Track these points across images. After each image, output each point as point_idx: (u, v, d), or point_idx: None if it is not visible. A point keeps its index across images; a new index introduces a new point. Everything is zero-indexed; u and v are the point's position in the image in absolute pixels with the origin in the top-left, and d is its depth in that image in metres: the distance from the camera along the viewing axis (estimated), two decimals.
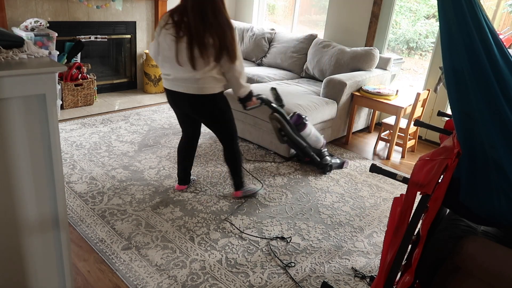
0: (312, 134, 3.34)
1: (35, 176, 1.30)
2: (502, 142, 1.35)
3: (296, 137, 3.21)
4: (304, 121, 3.27)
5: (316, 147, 3.39)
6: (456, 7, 1.30)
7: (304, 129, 3.26)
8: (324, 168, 3.40)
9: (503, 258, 1.41)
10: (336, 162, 3.51)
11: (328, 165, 3.39)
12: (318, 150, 3.41)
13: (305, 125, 3.26)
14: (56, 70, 1.25)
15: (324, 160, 3.40)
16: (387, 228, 1.50)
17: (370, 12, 4.49)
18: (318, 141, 3.38)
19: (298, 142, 3.25)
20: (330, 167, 3.41)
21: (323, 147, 3.45)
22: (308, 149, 3.31)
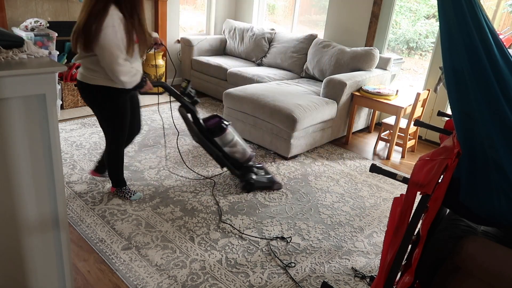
0: (235, 142, 2.95)
1: (35, 176, 1.30)
2: (502, 142, 1.35)
3: (205, 140, 2.83)
4: (222, 125, 2.89)
5: (240, 160, 2.98)
6: (456, 7, 1.30)
7: (222, 135, 2.88)
8: (244, 185, 2.97)
9: (503, 258, 1.41)
10: (262, 181, 3.00)
11: (249, 182, 2.94)
12: (239, 163, 2.99)
13: (223, 131, 2.88)
14: (56, 70, 1.25)
15: (246, 176, 2.96)
16: (387, 228, 1.50)
17: (370, 12, 4.49)
18: (242, 154, 2.98)
19: (209, 148, 2.87)
20: (251, 185, 2.95)
21: (248, 160, 3.03)
22: (221, 158, 2.91)
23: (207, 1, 5.81)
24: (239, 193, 2.97)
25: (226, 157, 2.94)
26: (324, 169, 3.51)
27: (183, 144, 3.75)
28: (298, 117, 3.40)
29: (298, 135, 3.52)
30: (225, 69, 4.94)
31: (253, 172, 3.00)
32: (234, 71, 4.82)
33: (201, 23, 6.11)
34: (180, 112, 2.83)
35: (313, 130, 3.71)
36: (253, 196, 2.95)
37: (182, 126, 4.18)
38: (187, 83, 2.81)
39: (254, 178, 2.96)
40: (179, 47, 5.58)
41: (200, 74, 5.30)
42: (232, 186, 3.06)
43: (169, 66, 5.47)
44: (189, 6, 6.10)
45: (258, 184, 2.98)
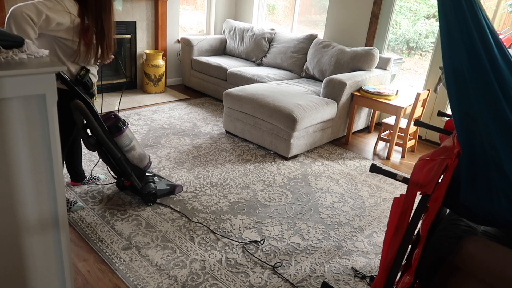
0: (133, 146, 2.62)
1: (35, 176, 1.30)
2: (502, 142, 1.35)
3: (106, 139, 2.46)
4: (120, 124, 2.53)
5: (138, 166, 2.66)
6: (456, 7, 1.30)
7: (120, 135, 2.53)
8: (145, 198, 2.66)
9: (503, 258, 1.41)
10: (165, 188, 2.78)
11: (151, 193, 2.66)
12: (141, 171, 2.68)
13: (122, 131, 2.53)
14: (56, 70, 1.25)
15: (146, 187, 2.66)
16: (387, 228, 1.50)
17: (370, 12, 4.49)
18: (141, 159, 2.68)
19: (109, 149, 2.49)
20: (153, 196, 2.68)
21: (147, 168, 2.73)
22: (124, 163, 2.57)
23: (207, 1, 5.81)
24: (239, 193, 2.97)
25: (127, 162, 2.60)
26: (324, 169, 3.51)
27: (183, 144, 3.75)
28: (298, 117, 3.40)
29: (298, 135, 3.52)
30: (225, 69, 4.94)
31: (152, 181, 2.74)
32: (234, 71, 4.82)
33: (201, 23, 6.11)
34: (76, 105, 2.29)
35: (313, 130, 3.71)
36: (253, 196, 2.95)
37: (183, 126, 4.19)
38: (85, 71, 2.34)
39: (154, 187, 2.70)
40: (179, 47, 5.59)
41: (200, 74, 5.30)
42: (233, 186, 3.06)
43: (168, 67, 5.48)
44: (189, 6, 6.10)
45: (160, 193, 2.74)
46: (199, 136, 3.95)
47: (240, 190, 3.02)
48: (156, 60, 5.12)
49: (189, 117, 4.47)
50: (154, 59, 5.11)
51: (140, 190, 2.66)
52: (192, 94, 5.40)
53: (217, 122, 4.39)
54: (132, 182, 2.66)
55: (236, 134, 3.96)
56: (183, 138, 3.87)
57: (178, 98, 5.14)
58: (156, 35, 5.27)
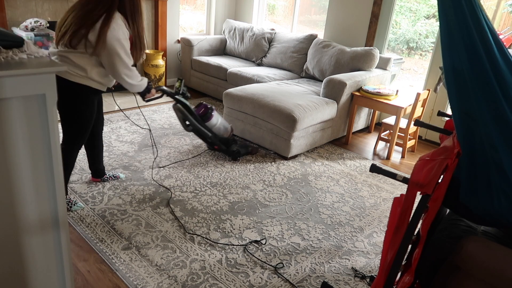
0: (219, 123, 3.44)
1: (35, 176, 1.30)
2: (502, 142, 1.35)
3: (200, 127, 3.31)
4: (210, 111, 3.36)
5: (223, 136, 3.48)
6: (456, 7, 1.30)
7: (210, 119, 3.35)
8: (232, 154, 3.49)
9: (503, 258, 1.41)
10: (245, 149, 3.60)
11: (235, 151, 3.49)
12: (226, 139, 3.49)
13: (211, 116, 3.36)
14: (56, 70, 1.25)
15: (231, 147, 3.49)
16: (387, 228, 1.50)
17: (370, 12, 4.49)
18: (225, 131, 3.49)
19: (203, 132, 3.34)
20: (238, 153, 3.50)
21: (230, 135, 3.55)
22: (213, 138, 3.40)
23: (207, 1, 5.81)
24: (239, 193, 2.97)
25: (215, 136, 3.42)
26: (324, 169, 3.51)
27: (183, 144, 3.75)
28: (298, 117, 3.40)
29: (298, 135, 3.52)
30: (225, 69, 4.94)
31: (236, 143, 3.56)
32: (234, 71, 4.82)
33: (201, 23, 6.11)
34: (175, 108, 3.24)
35: (313, 130, 3.71)
36: (253, 196, 2.95)
37: None
38: (180, 82, 3.19)
39: (237, 148, 3.52)
40: (179, 47, 5.59)
41: (200, 74, 5.30)
42: (233, 186, 3.06)
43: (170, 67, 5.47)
44: (189, 6, 6.10)
45: (242, 151, 3.55)
46: None
47: (240, 190, 3.02)
48: (156, 60, 5.12)
49: None
50: (154, 59, 5.11)
51: (227, 150, 3.49)
52: (192, 94, 5.40)
53: None
54: (219, 147, 3.50)
55: (236, 134, 3.96)
56: (183, 138, 3.87)
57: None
58: (156, 35, 5.27)
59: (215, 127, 3.41)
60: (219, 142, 3.44)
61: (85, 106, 2.41)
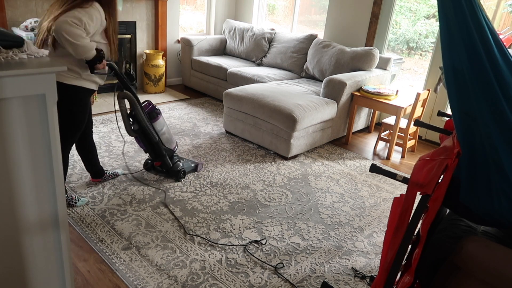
0: (165, 130, 2.96)
1: (35, 176, 1.30)
2: (502, 142, 1.35)
3: (149, 126, 2.80)
4: (156, 112, 2.87)
5: (168, 147, 3.00)
6: (456, 7, 1.30)
7: (156, 121, 2.86)
8: (177, 175, 3.02)
9: (503, 258, 1.41)
10: (189, 166, 3.16)
11: (181, 171, 3.03)
12: (170, 152, 3.03)
13: (158, 116, 2.87)
14: (56, 70, 1.25)
15: (175, 166, 3.02)
16: (387, 228, 1.50)
17: (370, 12, 4.49)
18: (171, 141, 3.03)
19: (151, 134, 2.82)
20: (183, 173, 3.05)
21: (175, 148, 3.09)
22: (160, 145, 2.91)
23: (207, 1, 5.81)
24: (239, 193, 2.97)
25: (161, 145, 2.94)
26: (324, 169, 3.51)
27: (183, 144, 3.75)
28: (298, 117, 3.40)
29: (298, 135, 3.52)
30: (225, 69, 4.94)
31: (179, 160, 3.12)
32: (234, 71, 4.82)
33: (201, 23, 6.11)
34: (126, 96, 2.67)
35: (313, 130, 3.71)
36: (253, 196, 2.95)
37: (183, 126, 4.19)
38: (129, 64, 2.72)
39: (182, 165, 3.08)
40: (179, 47, 5.59)
41: (200, 74, 5.31)
42: (233, 186, 3.06)
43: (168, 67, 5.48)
44: (189, 6, 6.10)
45: (188, 170, 3.13)
46: (199, 136, 3.95)
47: (240, 190, 3.02)
48: (156, 60, 5.12)
49: (189, 117, 4.47)
50: (154, 59, 5.11)
51: (171, 168, 3.01)
52: (192, 94, 5.40)
53: (217, 122, 4.39)
54: (163, 162, 2.99)
55: (236, 134, 3.96)
56: (183, 138, 3.87)
57: (178, 98, 5.14)
58: (156, 35, 5.27)
59: (161, 132, 2.92)
60: (165, 154, 2.96)
61: (79, 107, 2.44)
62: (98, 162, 2.90)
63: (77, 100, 2.41)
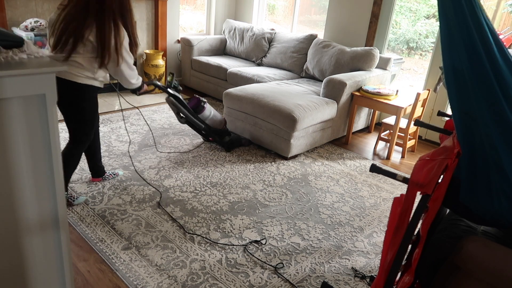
0: (212, 115, 3.59)
1: (35, 176, 1.30)
2: (502, 142, 1.35)
3: (193, 118, 3.47)
4: (202, 104, 3.49)
5: (217, 128, 3.62)
6: (456, 7, 1.30)
7: (203, 111, 3.49)
8: (226, 145, 3.64)
9: (503, 258, 1.40)
10: (238, 140, 3.74)
11: (228, 142, 3.65)
12: (219, 131, 3.64)
13: (204, 108, 3.49)
14: (56, 70, 1.25)
15: (224, 139, 3.64)
16: (387, 228, 1.50)
17: (370, 12, 4.49)
18: (219, 123, 3.64)
19: (196, 124, 3.51)
20: (231, 144, 3.67)
21: (223, 127, 3.68)
22: (207, 129, 3.56)
23: (207, 1, 5.81)
24: (239, 193, 2.97)
25: (209, 128, 3.57)
26: (324, 169, 3.51)
27: (183, 144, 3.75)
28: (298, 117, 3.40)
29: (298, 135, 3.52)
30: (225, 69, 4.94)
31: (229, 135, 3.71)
32: (234, 71, 4.82)
33: (201, 23, 6.11)
34: (168, 101, 3.39)
35: (313, 130, 3.71)
36: (253, 196, 2.95)
37: (183, 126, 4.19)
38: (172, 76, 3.34)
39: (231, 139, 3.68)
40: (179, 47, 5.59)
41: (200, 74, 5.30)
42: (233, 186, 3.06)
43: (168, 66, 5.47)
44: (189, 6, 6.10)
45: (236, 143, 3.72)
46: (199, 136, 3.95)
47: (240, 190, 3.02)
48: (156, 60, 5.12)
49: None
50: (154, 59, 5.11)
51: (221, 142, 3.66)
52: (192, 94, 5.40)
53: None
54: (214, 138, 3.66)
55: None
56: (183, 138, 3.87)
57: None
58: (156, 35, 5.27)
59: (209, 119, 3.55)
60: (213, 134, 3.59)
61: (89, 104, 2.49)
62: (100, 160, 2.92)
63: (90, 98, 2.47)
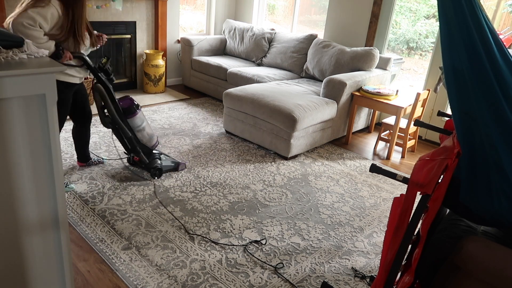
0: (144, 127, 2.99)
1: (35, 176, 1.30)
2: (502, 142, 1.35)
3: (119, 120, 2.83)
4: (134, 107, 2.89)
5: (146, 145, 3.03)
6: (456, 7, 1.30)
7: (133, 117, 2.89)
8: (153, 172, 3.01)
9: (503, 258, 1.41)
10: (169, 165, 3.14)
11: (157, 168, 3.01)
12: (149, 150, 3.05)
13: (135, 113, 2.89)
14: (56, 70, 1.25)
15: (153, 162, 3.02)
16: (387, 228, 1.50)
17: (370, 12, 4.49)
18: (150, 139, 3.05)
19: (122, 128, 2.86)
20: (159, 171, 3.03)
21: (154, 147, 3.10)
22: (133, 141, 2.94)
23: (207, 1, 5.81)
24: (239, 193, 2.97)
25: (137, 141, 2.97)
26: (324, 169, 3.51)
27: (183, 144, 3.75)
28: (298, 117, 3.40)
29: (298, 135, 3.52)
30: (225, 69, 4.94)
31: (159, 158, 3.11)
32: (234, 71, 4.82)
33: (201, 23, 6.11)
34: (97, 88, 2.76)
35: (313, 130, 3.71)
36: (253, 196, 2.95)
37: (183, 126, 4.19)
38: (106, 59, 2.79)
39: (160, 163, 3.07)
40: (179, 47, 5.59)
41: (200, 74, 5.30)
42: (233, 186, 3.06)
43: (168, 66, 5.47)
44: (189, 6, 6.10)
45: (165, 169, 3.11)
46: (199, 136, 3.95)
47: (240, 190, 3.02)
48: (156, 60, 5.12)
49: (189, 117, 4.47)
50: (154, 59, 5.11)
51: (147, 165, 3.02)
52: (192, 94, 5.40)
53: (217, 122, 4.39)
54: (140, 158, 3.01)
55: (236, 134, 3.96)
56: (183, 138, 3.87)
57: (178, 98, 5.14)
58: (156, 35, 5.27)
59: (138, 129, 2.94)
60: (139, 150, 2.97)
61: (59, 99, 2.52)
62: (87, 149, 3.12)
63: None
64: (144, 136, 3.00)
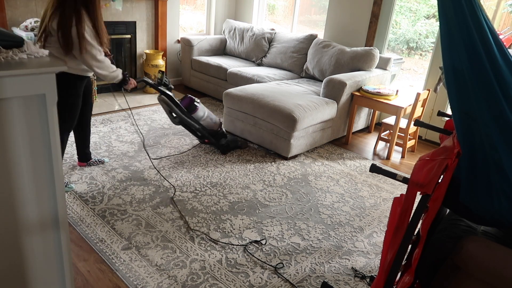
0: (206, 116, 3.49)
1: (35, 176, 1.30)
2: (502, 142, 1.35)
3: (186, 118, 3.37)
4: (195, 103, 3.41)
5: (212, 129, 3.54)
6: (456, 7, 1.30)
7: (196, 111, 3.40)
8: (222, 148, 3.56)
9: (503, 258, 1.41)
10: (235, 142, 3.65)
11: (224, 145, 3.56)
12: (214, 132, 3.56)
13: (197, 108, 3.40)
14: (56, 70, 1.25)
15: (220, 141, 3.56)
16: (387, 228, 1.50)
17: (370, 12, 4.49)
18: (213, 123, 3.55)
19: (190, 124, 3.41)
20: (227, 147, 3.58)
21: (219, 128, 3.60)
22: (201, 130, 3.47)
23: (207, 1, 5.81)
24: (239, 193, 2.97)
25: (204, 129, 3.49)
26: (324, 169, 3.51)
27: (183, 144, 3.75)
28: (298, 117, 3.40)
29: (298, 135, 3.52)
30: (225, 69, 4.94)
31: (225, 137, 3.63)
32: (234, 71, 4.82)
33: (201, 23, 6.11)
34: (160, 100, 3.31)
35: (313, 130, 3.71)
36: (253, 196, 2.95)
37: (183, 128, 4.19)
38: (161, 74, 3.28)
39: (226, 142, 3.59)
40: (179, 47, 5.59)
41: (200, 74, 5.30)
42: (233, 186, 3.06)
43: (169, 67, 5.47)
44: (189, 6, 6.10)
45: (231, 145, 3.62)
46: None
47: (240, 190, 3.02)
48: (156, 60, 5.12)
49: None
50: (154, 59, 5.11)
51: (217, 144, 3.57)
52: (192, 94, 5.39)
53: None
54: (209, 140, 3.56)
55: (236, 134, 3.96)
56: (183, 138, 3.87)
57: (178, 98, 5.13)
58: (156, 35, 5.27)
59: (203, 119, 3.46)
60: (208, 135, 3.50)
61: (75, 91, 2.58)
62: (88, 147, 3.10)
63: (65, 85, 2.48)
64: (209, 123, 3.51)
